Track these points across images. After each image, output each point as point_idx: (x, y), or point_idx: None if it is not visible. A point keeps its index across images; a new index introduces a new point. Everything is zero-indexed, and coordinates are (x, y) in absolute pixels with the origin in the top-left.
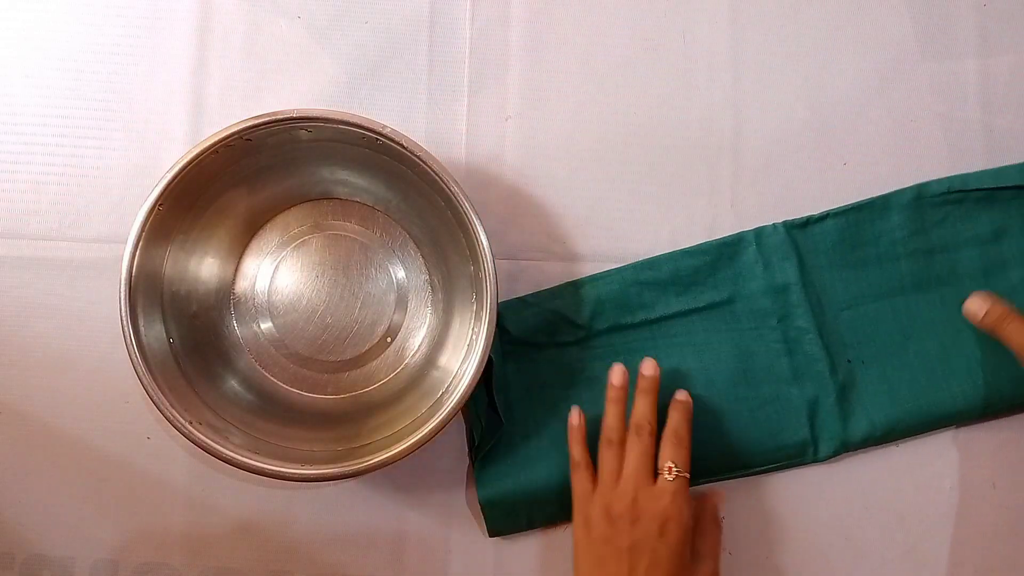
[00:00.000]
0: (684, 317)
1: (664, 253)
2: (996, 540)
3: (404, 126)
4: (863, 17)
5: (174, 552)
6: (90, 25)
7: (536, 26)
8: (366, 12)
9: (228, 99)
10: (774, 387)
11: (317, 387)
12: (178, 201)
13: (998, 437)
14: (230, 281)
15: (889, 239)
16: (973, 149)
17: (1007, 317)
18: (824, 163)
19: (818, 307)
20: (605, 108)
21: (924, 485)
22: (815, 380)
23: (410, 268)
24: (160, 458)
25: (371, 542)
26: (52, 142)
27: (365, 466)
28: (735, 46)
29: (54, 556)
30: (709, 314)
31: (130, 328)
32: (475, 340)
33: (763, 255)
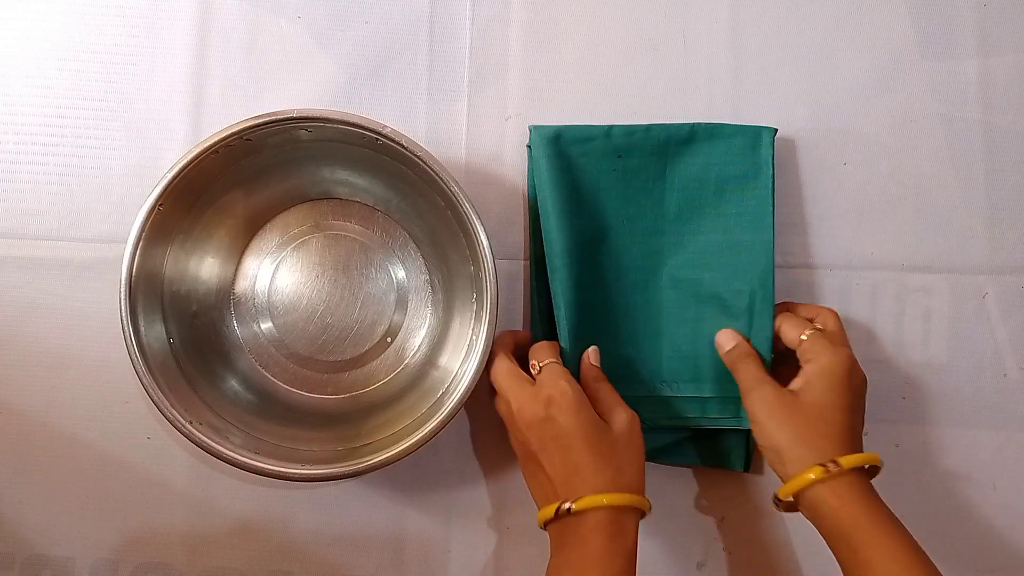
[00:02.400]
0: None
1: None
2: (996, 540)
3: (404, 126)
4: (863, 17)
5: (174, 552)
6: (90, 25)
7: (536, 26)
8: (366, 12)
9: (228, 99)
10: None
11: (317, 387)
12: (178, 201)
13: (998, 437)
14: (230, 281)
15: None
16: (973, 149)
17: (744, 357)
18: (824, 163)
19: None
20: (605, 108)
21: (924, 485)
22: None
23: (410, 268)
24: (160, 458)
25: (371, 542)
26: (52, 142)
27: (365, 466)
28: (735, 46)
29: (54, 556)
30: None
31: (130, 328)
32: (475, 340)
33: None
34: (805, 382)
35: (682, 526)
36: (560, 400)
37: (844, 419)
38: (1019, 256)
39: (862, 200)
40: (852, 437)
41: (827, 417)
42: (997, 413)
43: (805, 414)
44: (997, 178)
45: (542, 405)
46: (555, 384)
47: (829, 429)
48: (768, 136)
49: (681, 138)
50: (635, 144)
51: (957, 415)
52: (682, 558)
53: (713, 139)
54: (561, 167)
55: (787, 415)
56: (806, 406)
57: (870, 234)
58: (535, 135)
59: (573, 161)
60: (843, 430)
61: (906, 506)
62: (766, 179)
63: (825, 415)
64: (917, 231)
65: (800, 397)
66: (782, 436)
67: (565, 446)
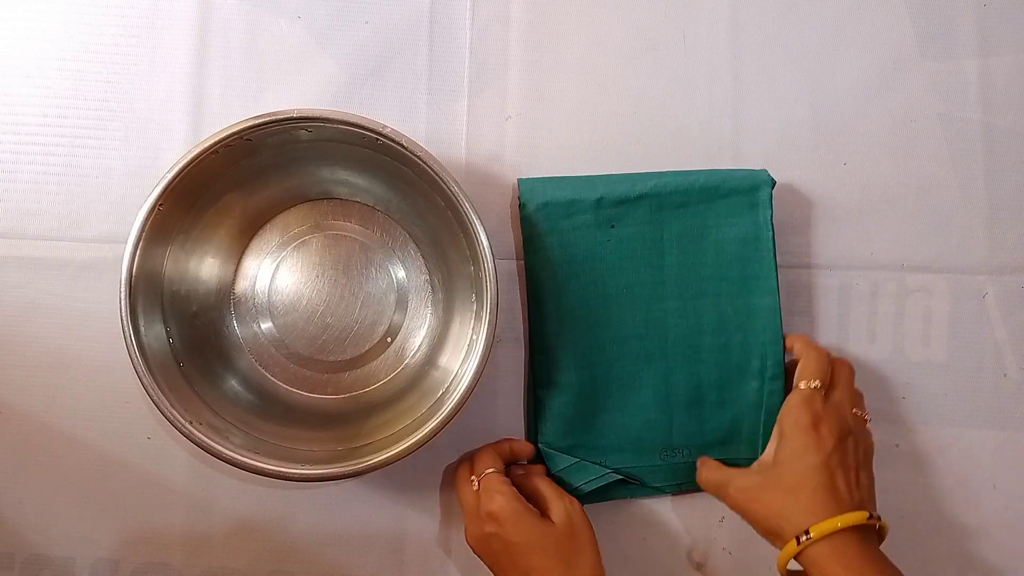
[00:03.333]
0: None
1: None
2: (996, 540)
3: (404, 126)
4: (863, 17)
5: (174, 552)
6: (90, 25)
7: (536, 26)
8: (366, 12)
9: (228, 99)
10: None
11: (317, 387)
12: (178, 201)
13: (998, 437)
14: (230, 281)
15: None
16: (973, 149)
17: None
18: (824, 163)
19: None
20: (605, 108)
21: (925, 485)
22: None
23: (410, 268)
24: (160, 458)
25: (371, 542)
26: (52, 142)
27: (365, 466)
28: (735, 46)
29: (54, 556)
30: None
31: (130, 328)
32: (475, 340)
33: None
34: (779, 438)
35: (682, 526)
36: (500, 514)
37: (821, 479)
38: (1019, 256)
39: (862, 200)
40: (834, 498)
41: (802, 482)
42: (997, 413)
43: (783, 485)
44: (997, 178)
45: (486, 521)
46: (493, 499)
47: (804, 495)
48: (765, 192)
49: (675, 203)
50: (627, 213)
51: (957, 415)
52: (682, 558)
53: (709, 201)
54: (556, 242)
55: (764, 493)
56: (784, 474)
57: (870, 234)
58: (527, 197)
59: (565, 235)
60: (821, 492)
61: (906, 506)
62: (766, 241)
63: (800, 480)
64: (917, 231)
65: (776, 465)
66: (766, 515)
67: (512, 555)
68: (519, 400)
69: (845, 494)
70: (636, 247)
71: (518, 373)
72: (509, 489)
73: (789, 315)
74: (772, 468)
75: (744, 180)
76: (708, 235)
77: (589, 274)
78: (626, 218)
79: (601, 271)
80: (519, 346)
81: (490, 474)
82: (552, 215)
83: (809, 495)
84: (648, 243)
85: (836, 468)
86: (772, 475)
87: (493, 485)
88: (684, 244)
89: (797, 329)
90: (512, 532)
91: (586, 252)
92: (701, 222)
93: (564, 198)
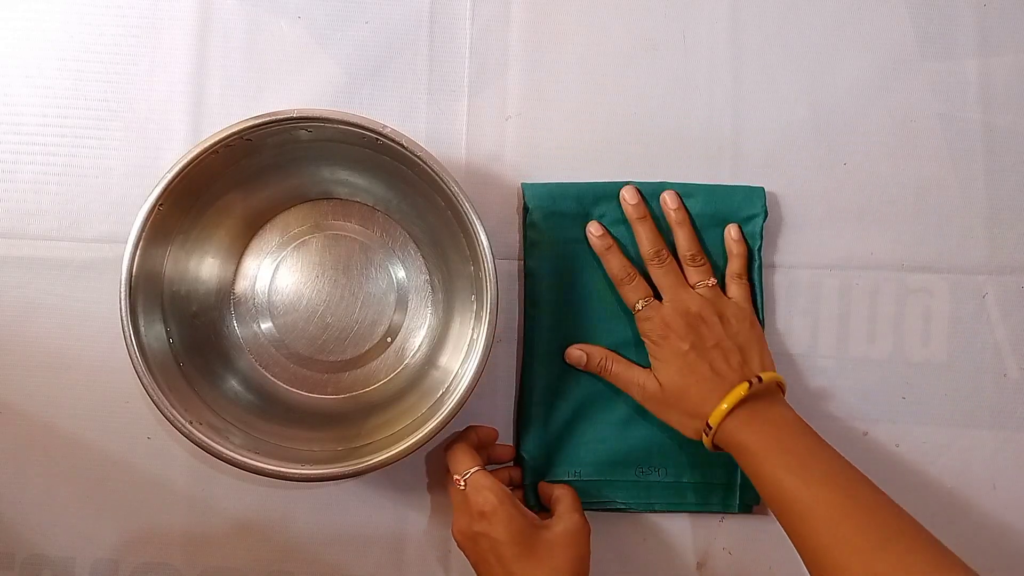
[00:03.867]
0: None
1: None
2: (996, 540)
3: (404, 126)
4: (863, 17)
5: (174, 552)
6: (90, 25)
7: (536, 26)
8: (366, 12)
9: (228, 99)
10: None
11: (317, 387)
12: (178, 201)
13: (998, 437)
14: (230, 281)
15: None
16: (973, 149)
17: (608, 359)
18: (824, 163)
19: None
20: (605, 108)
21: (925, 485)
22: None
23: (410, 268)
24: (160, 458)
25: (371, 542)
26: (52, 142)
27: (365, 466)
28: (735, 46)
29: (54, 556)
30: None
31: (130, 328)
32: (475, 340)
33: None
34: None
35: (682, 526)
36: (489, 513)
37: (695, 378)
38: (1019, 256)
39: (862, 200)
40: (717, 384)
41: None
42: (997, 413)
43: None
44: (997, 178)
45: (474, 519)
46: (482, 496)
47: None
48: (757, 224)
49: (667, 228)
50: (626, 233)
51: (957, 415)
52: (682, 558)
53: (704, 228)
54: (556, 252)
55: (663, 409)
56: (668, 394)
57: (870, 234)
58: (532, 204)
59: (566, 247)
60: (703, 388)
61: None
62: (753, 272)
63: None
64: (917, 231)
65: (661, 387)
66: (674, 424)
67: (500, 555)
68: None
69: (727, 374)
70: (635, 259)
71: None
72: (500, 488)
73: (789, 315)
74: (659, 390)
75: (741, 208)
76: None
77: (585, 287)
78: (624, 238)
79: (597, 286)
80: (519, 346)
81: (476, 473)
82: (554, 225)
83: (696, 397)
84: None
85: (699, 360)
86: (661, 397)
87: (483, 483)
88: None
89: (798, 331)
90: (502, 533)
91: (584, 265)
92: (689, 217)
93: (567, 209)
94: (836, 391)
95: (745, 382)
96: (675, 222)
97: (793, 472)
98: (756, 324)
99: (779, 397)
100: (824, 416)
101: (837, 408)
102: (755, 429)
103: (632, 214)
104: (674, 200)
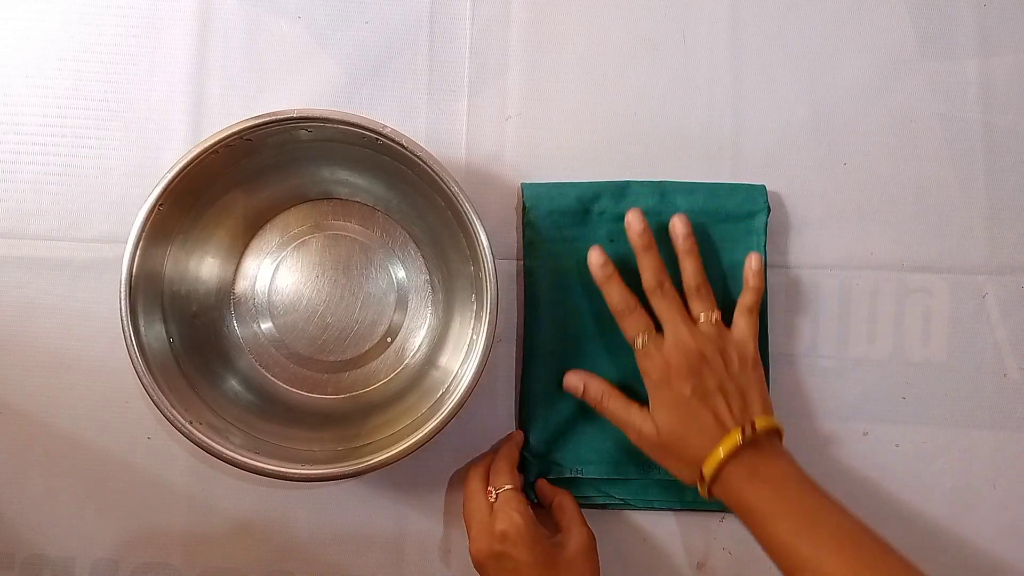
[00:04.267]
0: None
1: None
2: (996, 540)
3: (404, 126)
4: (863, 17)
5: (174, 552)
6: (90, 25)
7: (536, 26)
8: (366, 12)
9: (228, 99)
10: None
11: (317, 387)
12: (178, 201)
13: (998, 437)
14: (230, 281)
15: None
16: (973, 149)
17: (605, 395)
18: (824, 163)
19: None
20: (605, 108)
21: (924, 485)
22: None
23: (410, 268)
24: (160, 458)
25: (371, 542)
26: (52, 142)
27: (365, 466)
28: (735, 46)
29: (54, 556)
30: None
31: (130, 328)
32: (475, 340)
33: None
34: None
35: (682, 526)
36: (514, 536)
37: (695, 424)
38: (1019, 256)
39: (862, 200)
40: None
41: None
42: (997, 413)
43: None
44: (997, 178)
45: (497, 540)
46: (509, 517)
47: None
48: (760, 220)
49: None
50: (623, 232)
51: (957, 415)
52: (682, 558)
53: (706, 226)
54: (556, 252)
55: (659, 454)
56: (664, 438)
57: (870, 234)
58: (531, 203)
59: (566, 245)
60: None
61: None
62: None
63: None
64: (917, 231)
65: (657, 429)
66: (670, 468)
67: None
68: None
69: (727, 419)
70: (632, 264)
71: (518, 373)
72: (527, 511)
73: (789, 315)
74: (656, 435)
75: (742, 205)
76: (703, 259)
77: (586, 287)
78: (625, 234)
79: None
80: (519, 346)
81: (509, 491)
82: (554, 225)
83: (695, 445)
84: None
85: (701, 407)
86: (658, 442)
87: (512, 504)
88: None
89: (798, 331)
90: (525, 555)
91: (584, 264)
92: (697, 244)
93: (567, 208)
94: (836, 391)
95: (738, 429)
96: (683, 251)
97: (802, 536)
98: (759, 364)
99: (778, 447)
100: (824, 416)
101: (837, 408)
102: (757, 487)
103: (637, 243)
104: (684, 226)
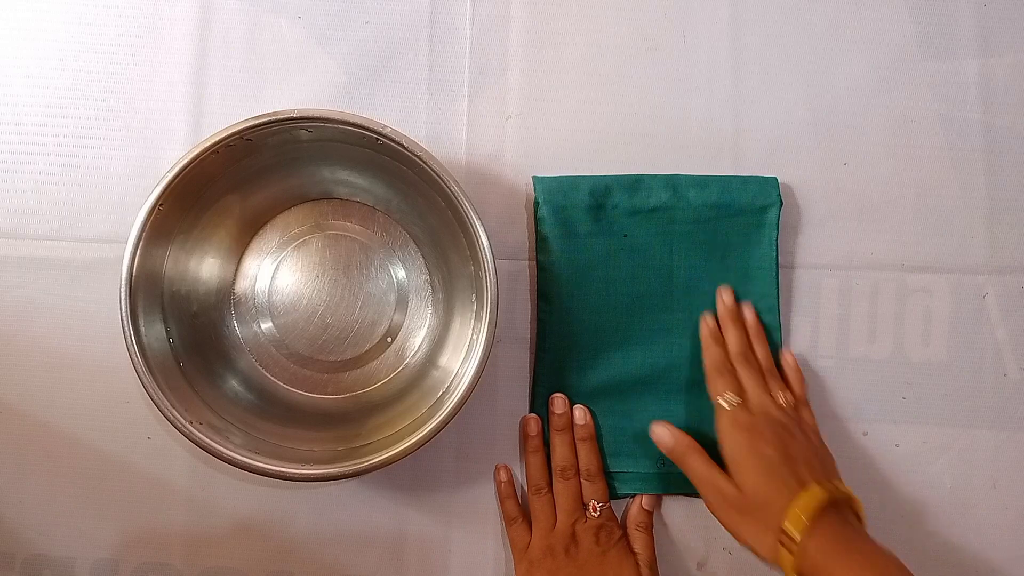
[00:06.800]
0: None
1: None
2: (996, 540)
3: (404, 126)
4: (863, 17)
5: (174, 552)
6: (90, 25)
7: (536, 26)
8: (366, 12)
9: (228, 99)
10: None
11: (317, 387)
12: (179, 201)
13: (998, 437)
14: (230, 281)
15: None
16: (973, 149)
17: (690, 451)
18: (824, 163)
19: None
20: (605, 108)
21: (924, 485)
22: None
23: (410, 268)
24: (160, 458)
25: (371, 542)
26: (52, 142)
27: (365, 466)
28: (735, 46)
29: (54, 556)
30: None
31: (130, 328)
32: (475, 340)
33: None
34: (729, 466)
35: (682, 526)
36: (608, 532)
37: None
38: (1019, 256)
39: (862, 200)
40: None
41: (765, 499)
42: (997, 413)
43: (751, 510)
44: (997, 178)
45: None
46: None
47: (773, 508)
48: (773, 214)
49: (687, 218)
50: (640, 224)
51: (957, 415)
52: (682, 558)
53: (719, 218)
54: (569, 246)
55: (742, 519)
56: (748, 501)
57: (870, 234)
58: (543, 197)
59: (579, 240)
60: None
61: (906, 506)
62: (770, 260)
63: (762, 499)
64: (917, 231)
65: (740, 492)
66: (749, 540)
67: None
68: (519, 400)
69: (807, 478)
70: (647, 258)
71: (518, 373)
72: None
73: (789, 315)
74: (738, 496)
75: (756, 198)
76: (716, 251)
77: (600, 281)
78: (639, 228)
79: (612, 279)
80: (519, 346)
81: (609, 506)
82: (567, 219)
83: (778, 507)
84: (658, 255)
85: (786, 470)
86: (740, 504)
87: (611, 517)
88: (692, 258)
89: (798, 331)
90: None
91: (598, 259)
92: (710, 238)
93: (580, 203)
94: (836, 391)
95: (820, 486)
96: (753, 335)
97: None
98: (828, 448)
99: (855, 520)
100: (824, 416)
101: (837, 408)
102: (844, 560)
103: (725, 316)
104: (731, 297)
